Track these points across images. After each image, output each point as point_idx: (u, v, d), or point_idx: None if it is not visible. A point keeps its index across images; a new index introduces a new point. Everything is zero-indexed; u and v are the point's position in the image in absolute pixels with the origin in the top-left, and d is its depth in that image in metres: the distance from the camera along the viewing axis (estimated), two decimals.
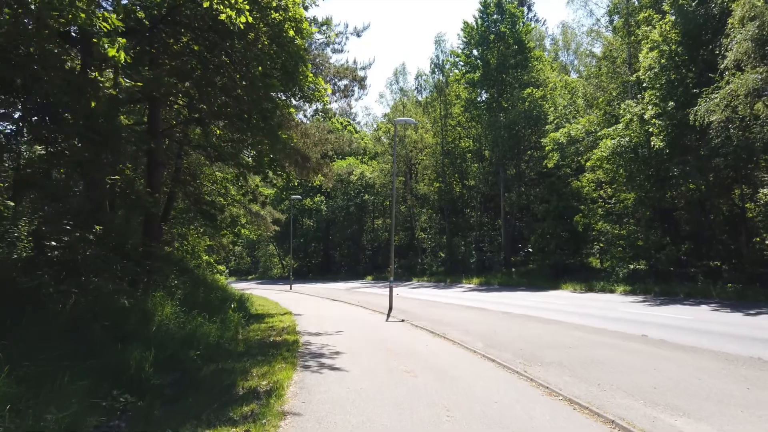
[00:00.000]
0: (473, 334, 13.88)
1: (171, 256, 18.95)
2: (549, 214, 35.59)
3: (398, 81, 51.99)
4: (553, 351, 10.94)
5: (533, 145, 40.23)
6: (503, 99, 40.90)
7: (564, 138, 31.23)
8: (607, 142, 25.08)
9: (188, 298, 14.88)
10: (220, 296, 18.41)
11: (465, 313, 19.59)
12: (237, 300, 20.68)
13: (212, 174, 26.45)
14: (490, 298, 26.23)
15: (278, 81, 9.62)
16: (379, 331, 14.82)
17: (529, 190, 40.25)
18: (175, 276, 15.57)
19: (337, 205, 58.16)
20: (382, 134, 51.86)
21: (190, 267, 20.33)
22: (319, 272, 62.91)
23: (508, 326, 15.11)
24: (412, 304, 24.27)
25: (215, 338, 11.40)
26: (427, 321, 17.07)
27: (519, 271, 39.36)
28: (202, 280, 20.35)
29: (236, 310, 16.89)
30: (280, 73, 10.11)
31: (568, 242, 34.82)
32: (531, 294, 27.45)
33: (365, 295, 31.93)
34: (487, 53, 40.68)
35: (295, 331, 14.27)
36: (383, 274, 51.02)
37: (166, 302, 11.98)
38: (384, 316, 19.22)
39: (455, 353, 11.23)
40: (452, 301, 25.11)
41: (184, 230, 26.96)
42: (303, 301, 29.09)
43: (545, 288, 30.90)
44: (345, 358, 10.35)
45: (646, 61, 23.24)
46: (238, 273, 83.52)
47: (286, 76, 10.21)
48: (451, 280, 40.48)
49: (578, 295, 25.78)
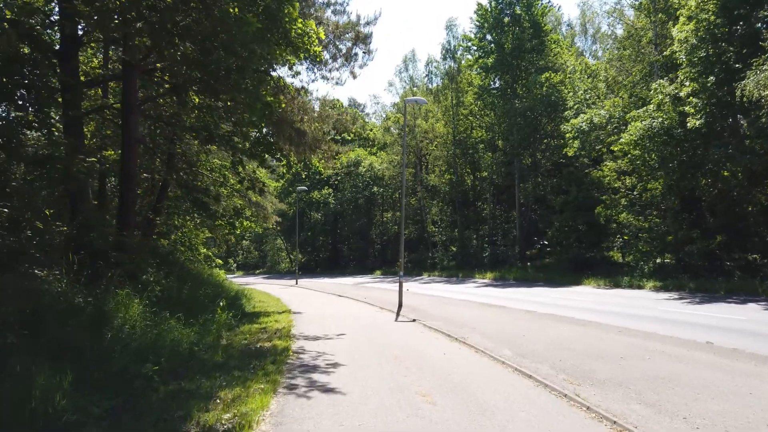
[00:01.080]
0: (497, 338, 11.68)
1: (153, 248, 16.90)
2: (568, 205, 33.19)
3: (408, 69, 49.74)
4: (602, 363, 8.71)
5: (550, 133, 37.80)
6: (518, 85, 38.46)
7: (586, 124, 28.83)
8: (636, 124, 22.65)
9: (168, 295, 12.80)
10: (211, 293, 16.30)
11: (483, 311, 17.38)
12: (231, 297, 18.62)
13: (208, 162, 24.47)
14: (507, 294, 23.99)
15: (256, 19, 7.49)
16: (387, 334, 12.65)
17: (545, 180, 37.83)
18: (155, 270, 13.47)
19: (345, 197, 56.00)
20: (391, 124, 49.55)
21: (179, 260, 18.28)
22: (327, 266, 60.86)
23: (536, 329, 12.88)
24: (424, 300, 22.10)
25: (187, 346, 9.27)
26: (441, 321, 14.89)
27: (535, 265, 37.00)
28: (193, 274, 18.30)
29: (227, 309, 14.79)
30: (261, 14, 7.95)
31: (587, 235, 32.40)
32: (551, 290, 25.16)
33: (373, 290, 29.79)
34: (501, 37, 38.26)
35: (290, 335, 12.12)
36: (392, 269, 48.87)
37: (132, 301, 9.88)
38: (393, 315, 17.07)
39: (480, 365, 9.03)
40: (467, 297, 22.89)
41: (180, 221, 24.98)
42: (307, 297, 27.01)
43: (565, 283, 28.57)
44: (343, 374, 8.19)
45: (681, 33, 20.80)
46: (246, 267, 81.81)
47: (267, 17, 8.06)
48: (463, 275, 38.22)
49: (603, 292, 23.45)
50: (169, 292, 13.05)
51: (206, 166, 24.50)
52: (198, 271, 20.71)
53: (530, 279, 32.11)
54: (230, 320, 13.83)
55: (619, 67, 31.86)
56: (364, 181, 54.25)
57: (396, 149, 49.27)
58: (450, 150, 44.95)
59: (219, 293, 17.59)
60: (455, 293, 25.56)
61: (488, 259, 40.21)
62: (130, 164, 13.16)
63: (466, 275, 38.00)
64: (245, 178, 20.16)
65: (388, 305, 20.23)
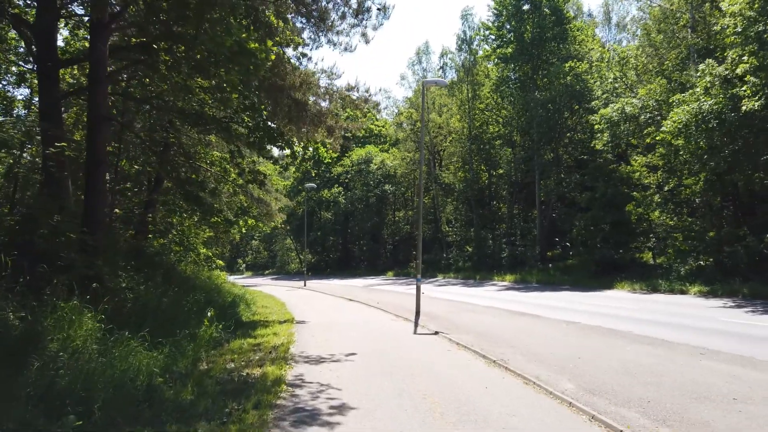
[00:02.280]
0: (546, 360, 9.20)
1: (134, 248, 14.61)
2: (594, 202, 30.52)
3: (421, 61, 47.12)
4: (712, 409, 6.20)
5: (573, 126, 35.16)
6: (539, 76, 35.82)
7: (616, 114, 26.20)
8: (682, 109, 19.98)
9: (143, 305, 10.47)
10: (203, 299, 13.94)
11: (514, 321, 14.87)
12: (228, 303, 16.26)
13: (209, 154, 22.25)
14: (534, 299, 21.45)
15: None
16: (407, 354, 10.18)
17: (568, 176, 35.15)
18: (128, 275, 11.12)
19: (356, 196, 53.50)
20: (403, 119, 47.05)
21: (168, 262, 15.95)
22: (338, 267, 58.44)
23: (590, 348, 10.35)
24: (442, 306, 19.64)
25: (146, 378, 6.88)
26: (469, 334, 12.44)
27: (557, 266, 34.35)
28: (184, 278, 15.96)
29: (218, 319, 12.44)
30: None
31: (616, 235, 29.72)
32: (581, 295, 22.55)
33: (386, 293, 27.36)
34: (520, 26, 35.65)
35: (287, 355, 9.69)
36: (405, 270, 46.44)
37: (81, 317, 7.53)
38: (410, 325, 14.63)
39: (538, 407, 6.55)
40: (490, 303, 20.38)
41: (177, 219, 22.73)
42: (314, 300, 24.63)
43: (594, 287, 25.93)
44: (353, 427, 5.74)
45: (733, 5, 18.16)
46: (255, 268, 79.74)
47: None
48: (480, 277, 35.64)
49: (643, 297, 20.81)
50: (146, 301, 10.71)
51: (206, 159, 22.30)
52: (193, 274, 18.38)
53: (555, 282, 29.48)
54: (220, 334, 11.45)
55: (650, 54, 29.17)
56: (376, 178, 51.79)
57: (409, 145, 46.81)
58: (465, 146, 42.38)
59: (213, 300, 15.24)
60: (476, 297, 23.06)
61: (507, 261, 37.58)
62: (98, 147, 10.82)
63: (483, 277, 35.42)
64: (245, 169, 17.82)
65: (404, 312, 17.81)
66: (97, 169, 10.82)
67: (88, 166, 10.76)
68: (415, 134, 45.89)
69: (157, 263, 14.71)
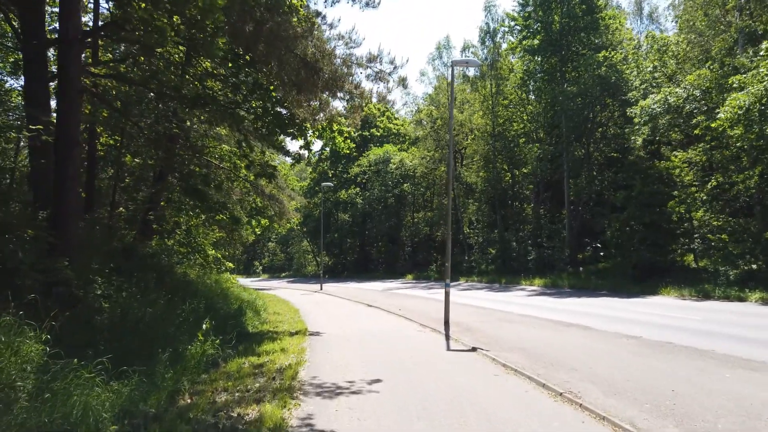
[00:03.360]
0: (628, 393, 7.00)
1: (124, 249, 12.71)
2: (631, 201, 28.04)
3: (441, 56, 44.82)
4: None
5: (605, 121, 32.70)
6: (568, 68, 33.40)
7: (658, 106, 23.77)
8: (749, 90, 17.52)
9: (122, 318, 8.51)
10: (203, 307, 11.95)
11: (562, 334, 12.63)
12: (233, 311, 14.25)
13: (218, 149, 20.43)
14: (572, 306, 19.17)
15: None
16: (445, 381, 8.04)
17: (600, 173, 32.67)
18: (108, 279, 9.16)
19: (373, 196, 51.33)
20: (423, 116, 44.85)
21: (167, 264, 14.00)
22: (355, 270, 56.35)
23: (677, 373, 8.09)
24: (472, 314, 17.47)
25: (90, 428, 4.85)
26: (513, 351, 10.28)
27: (589, 270, 31.87)
28: (181, 282, 14.01)
29: (217, 332, 10.45)
30: None
31: (655, 236, 27.21)
32: (624, 301, 20.18)
33: (407, 298, 25.22)
34: (548, 15, 33.29)
35: (294, 383, 7.60)
36: (425, 273, 44.24)
37: (18, 340, 5.56)
38: (441, 338, 12.51)
39: None
40: (525, 310, 18.12)
41: (184, 218, 20.91)
42: (331, 306, 22.58)
43: (636, 292, 23.49)
44: None
45: None
46: (272, 270, 78.04)
47: None
48: (506, 281, 33.29)
49: (697, 305, 18.38)
50: (127, 311, 8.74)
51: (215, 154, 20.47)
52: (197, 277, 16.42)
53: (590, 287, 27.03)
54: (217, 350, 9.45)
55: (693, 40, 26.67)
56: (394, 178, 49.62)
57: (429, 144, 44.63)
58: (488, 143, 40.06)
59: (216, 307, 13.25)
60: (507, 304, 20.80)
61: (534, 264, 35.17)
62: (70, 125, 8.88)
63: (509, 281, 33.06)
64: (254, 161, 15.86)
65: (430, 321, 15.71)
66: (70, 153, 8.88)
67: (57, 148, 8.80)
68: (436, 132, 43.72)
69: (151, 266, 12.77)
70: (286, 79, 8.75)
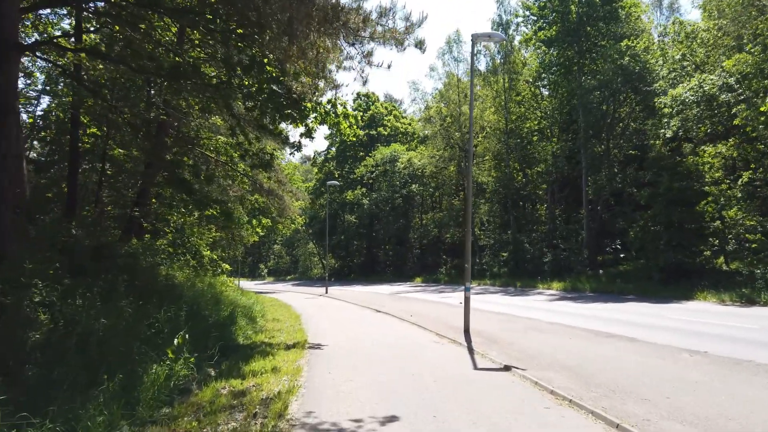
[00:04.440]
0: None
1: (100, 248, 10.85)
2: (657, 199, 25.95)
3: (451, 50, 42.81)
4: None
5: (626, 115, 30.65)
6: (586, 60, 31.35)
7: (692, 94, 21.71)
8: None
9: (58, 332, 6.61)
10: (184, 315, 10.02)
11: (604, 347, 10.61)
12: (221, 320, 12.28)
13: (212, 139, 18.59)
14: (603, 312, 17.15)
15: None
16: (483, 419, 6.06)
17: (623, 170, 30.56)
18: (46, 285, 7.22)
19: (381, 197, 49.32)
20: (433, 113, 42.82)
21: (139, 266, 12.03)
22: (362, 273, 54.35)
23: None
24: (492, 321, 15.51)
25: None
26: (555, 370, 8.31)
27: (609, 273, 29.72)
28: (166, 286, 12.08)
29: (197, 345, 8.59)
30: None
31: (684, 236, 25.09)
32: (658, 307, 18.11)
33: (418, 303, 23.22)
34: (565, 5, 31.27)
35: (281, 425, 5.62)
36: (434, 276, 42.21)
37: None
38: (463, 351, 10.56)
39: None
40: (551, 317, 16.08)
41: (174, 216, 19.07)
42: (335, 311, 20.63)
43: (667, 297, 21.39)
44: None
45: None
46: (277, 273, 76.13)
47: None
48: (521, 285, 31.20)
49: (744, 312, 16.29)
50: (70, 325, 6.82)
51: (210, 146, 18.62)
52: (187, 280, 14.49)
53: (614, 291, 24.91)
54: (192, 370, 7.54)
55: (723, 26, 24.57)
56: (402, 178, 47.62)
57: (438, 142, 42.63)
58: (501, 140, 38.01)
59: (200, 315, 11.32)
60: (528, 309, 18.79)
61: (549, 266, 33.04)
62: (3, 87, 6.98)
63: (525, 285, 30.97)
64: (248, 151, 13.95)
65: (446, 329, 13.76)
66: (4, 120, 6.98)
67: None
68: (446, 130, 41.74)
69: (126, 267, 10.85)
70: (271, 17, 6.81)
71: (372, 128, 54.64)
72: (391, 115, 55.76)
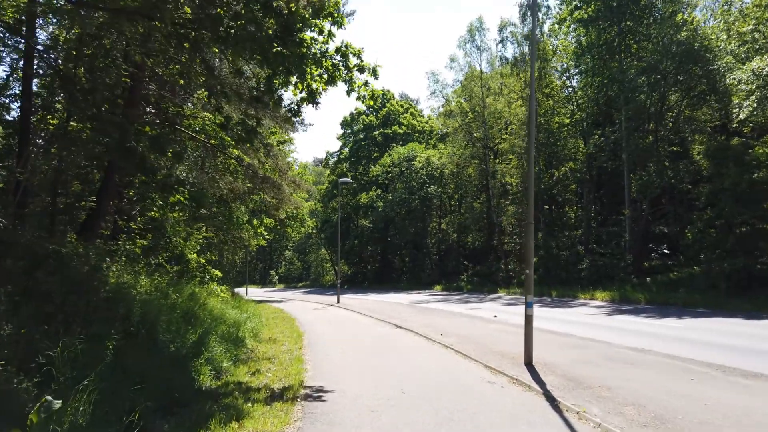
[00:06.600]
0: None
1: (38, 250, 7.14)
2: (721, 195, 21.88)
3: (474, 39, 38.81)
4: None
5: (674, 103, 26.59)
6: (630, 41, 27.35)
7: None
8: None
9: None
10: (112, 347, 6.25)
11: (748, 397, 6.65)
12: (187, 347, 8.49)
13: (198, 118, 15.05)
14: (688, 332, 13.15)
15: None
16: None
17: (674, 164, 26.43)
18: None
19: (396, 199, 45.41)
20: (454, 108, 38.97)
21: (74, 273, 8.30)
22: (377, 280, 50.42)
23: None
24: (548, 343, 11.69)
25: None
26: None
27: (658, 281, 25.47)
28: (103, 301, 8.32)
29: (116, 401, 4.73)
30: None
31: (755, 238, 20.98)
32: (746, 324, 14.11)
33: (443, 315, 19.29)
34: None
35: None
36: (455, 284, 38.24)
37: None
38: (539, 402, 6.66)
39: None
40: (626, 339, 12.09)
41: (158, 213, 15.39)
42: (348, 328, 16.76)
43: (750, 311, 17.27)
44: None
45: None
46: (288, 279, 72.42)
47: None
48: (557, 294, 27.13)
49: None
50: None
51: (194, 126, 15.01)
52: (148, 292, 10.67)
53: (677, 302, 20.73)
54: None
55: None
56: (419, 179, 43.73)
57: (459, 139, 38.76)
58: None
59: (142, 345, 7.55)
60: (586, 327, 14.81)
61: (586, 273, 28.92)
62: None
63: (561, 294, 26.90)
64: (230, 118, 10.25)
65: (498, 359, 9.90)
66: None
67: None
68: (468, 125, 37.84)
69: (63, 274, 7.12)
70: None
71: (387, 127, 50.91)
72: (407, 113, 51.99)
